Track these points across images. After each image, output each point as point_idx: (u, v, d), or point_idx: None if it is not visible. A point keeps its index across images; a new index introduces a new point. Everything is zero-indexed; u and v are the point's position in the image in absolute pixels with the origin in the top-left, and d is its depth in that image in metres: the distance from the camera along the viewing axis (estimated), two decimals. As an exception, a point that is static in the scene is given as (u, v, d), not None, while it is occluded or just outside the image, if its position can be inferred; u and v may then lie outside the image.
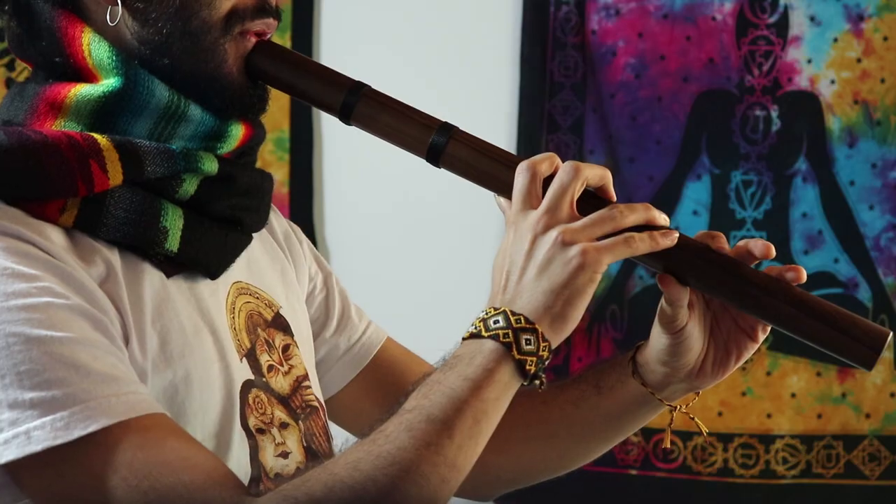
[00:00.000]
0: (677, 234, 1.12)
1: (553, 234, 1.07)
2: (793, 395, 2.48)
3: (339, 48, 2.57)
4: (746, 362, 2.46)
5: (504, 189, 1.14)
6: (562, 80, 2.52)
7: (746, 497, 2.49)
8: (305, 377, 1.25)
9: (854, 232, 2.47)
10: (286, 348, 1.24)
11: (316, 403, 1.25)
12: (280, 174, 2.58)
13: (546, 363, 1.06)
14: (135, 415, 1.00)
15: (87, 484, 0.98)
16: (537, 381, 1.06)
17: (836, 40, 2.46)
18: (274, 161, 2.58)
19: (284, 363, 1.23)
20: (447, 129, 1.17)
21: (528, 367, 1.04)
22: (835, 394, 2.47)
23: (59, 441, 0.98)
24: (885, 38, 2.44)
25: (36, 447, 0.98)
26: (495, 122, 2.54)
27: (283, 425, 1.19)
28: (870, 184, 2.46)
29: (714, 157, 2.50)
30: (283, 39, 2.56)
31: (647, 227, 1.10)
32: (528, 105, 2.52)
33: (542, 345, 1.05)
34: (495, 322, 1.05)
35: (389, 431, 1.01)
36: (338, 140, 2.59)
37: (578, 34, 2.50)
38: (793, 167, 2.48)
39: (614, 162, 2.50)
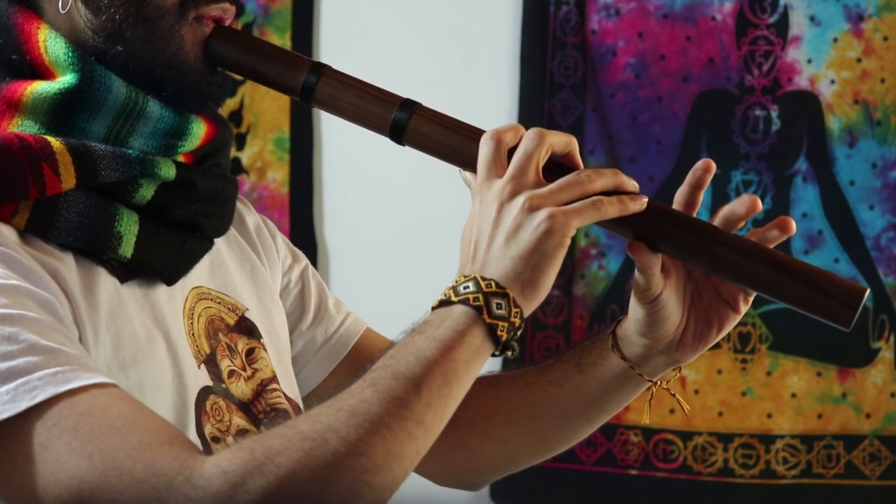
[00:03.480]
0: (647, 199, 1.10)
1: (519, 200, 1.06)
2: (793, 395, 2.48)
3: (339, 49, 2.57)
4: (746, 362, 2.49)
5: (469, 163, 1.12)
6: (562, 80, 2.52)
7: (746, 497, 2.48)
8: (272, 380, 1.22)
9: (854, 232, 2.46)
10: (250, 352, 1.22)
11: (284, 406, 1.22)
12: (280, 174, 2.58)
13: (518, 332, 1.04)
14: (81, 383, 0.96)
15: (32, 454, 0.95)
16: (509, 351, 1.04)
17: (836, 40, 2.46)
18: (274, 161, 2.58)
19: (247, 367, 1.20)
20: (410, 105, 1.15)
21: (499, 333, 1.02)
22: (835, 394, 2.47)
23: (6, 414, 0.94)
24: (885, 38, 2.44)
25: None
26: (495, 122, 2.52)
27: (242, 432, 1.16)
28: (870, 184, 2.46)
29: (714, 157, 2.49)
30: (284, 40, 2.56)
31: (616, 192, 1.09)
32: (528, 105, 2.52)
33: (514, 311, 1.03)
34: (465, 287, 1.03)
35: (353, 388, 0.98)
36: (338, 140, 2.59)
37: (578, 34, 2.50)
38: (793, 167, 2.48)
39: (614, 162, 2.49)
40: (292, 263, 1.39)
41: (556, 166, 1.11)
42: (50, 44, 1.12)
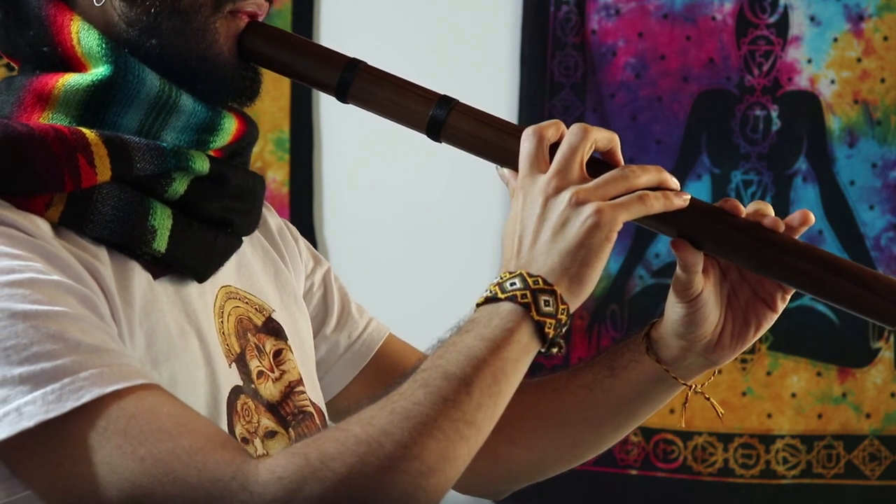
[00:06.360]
0: (690, 196, 1.10)
1: (566, 195, 1.05)
2: (793, 395, 2.48)
3: (339, 48, 2.57)
4: (746, 362, 2.49)
5: (507, 159, 1.12)
6: (562, 80, 2.52)
7: (746, 497, 2.48)
8: (299, 382, 1.21)
9: (854, 232, 2.46)
10: (278, 353, 1.20)
11: (310, 409, 1.21)
12: (280, 174, 2.58)
13: (564, 329, 1.03)
14: (128, 384, 0.95)
15: (81, 456, 0.93)
16: (555, 349, 1.03)
17: (836, 40, 2.46)
18: (274, 161, 2.58)
19: (275, 369, 1.19)
20: (448, 102, 1.14)
21: (546, 330, 1.01)
22: (835, 394, 2.47)
23: (51, 414, 0.93)
24: (885, 38, 2.44)
25: (28, 423, 0.93)
26: (495, 122, 2.53)
27: (270, 434, 1.14)
28: (870, 184, 2.46)
29: (714, 157, 2.50)
30: (283, 39, 2.56)
31: (660, 188, 1.08)
32: (528, 105, 2.52)
33: (561, 307, 1.02)
34: (512, 284, 1.02)
35: (404, 389, 0.97)
36: (338, 140, 2.59)
37: (578, 34, 2.50)
38: (793, 167, 2.48)
39: (614, 162, 2.50)
40: (315, 267, 1.38)
41: (598, 163, 1.10)
42: (83, 35, 1.10)
